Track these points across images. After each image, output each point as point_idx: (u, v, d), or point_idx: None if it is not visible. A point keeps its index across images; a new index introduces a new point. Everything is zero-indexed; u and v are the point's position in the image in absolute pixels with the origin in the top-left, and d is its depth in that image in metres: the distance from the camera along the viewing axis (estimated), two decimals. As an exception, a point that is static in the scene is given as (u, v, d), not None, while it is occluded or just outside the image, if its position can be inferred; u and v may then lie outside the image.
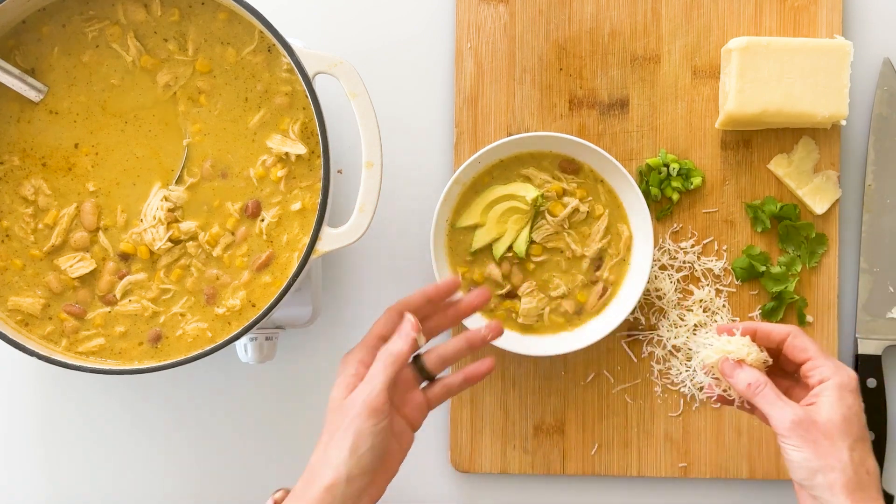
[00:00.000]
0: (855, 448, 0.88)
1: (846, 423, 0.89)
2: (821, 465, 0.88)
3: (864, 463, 0.89)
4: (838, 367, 0.92)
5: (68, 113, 0.95)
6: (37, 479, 1.12)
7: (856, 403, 0.91)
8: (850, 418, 0.89)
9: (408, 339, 0.91)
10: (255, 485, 1.12)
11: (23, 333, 0.94)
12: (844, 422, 0.89)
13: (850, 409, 0.90)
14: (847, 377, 0.91)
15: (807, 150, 1.10)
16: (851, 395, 0.90)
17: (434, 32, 1.12)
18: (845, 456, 0.88)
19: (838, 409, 0.89)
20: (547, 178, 1.07)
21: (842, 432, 0.89)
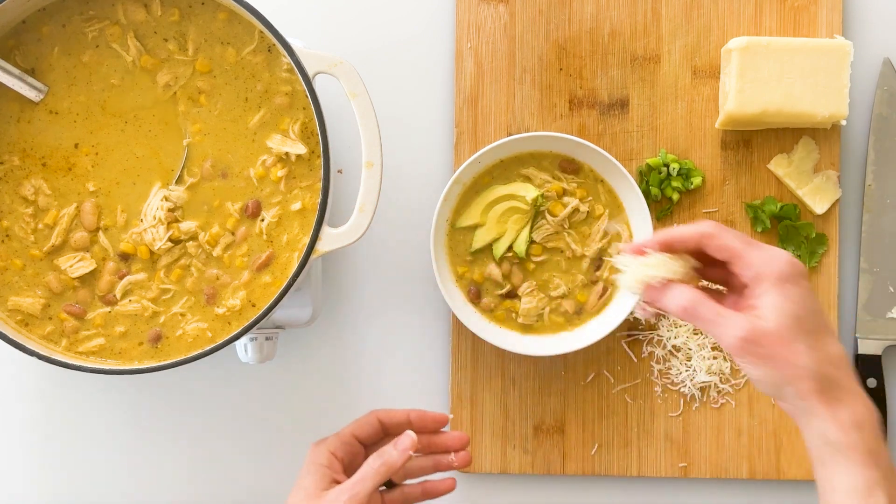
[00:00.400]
0: (814, 346, 0.77)
1: (797, 322, 0.77)
2: (784, 376, 0.78)
3: (828, 356, 0.78)
4: (771, 257, 0.79)
5: (68, 113, 0.95)
6: (37, 479, 1.12)
7: (801, 293, 0.78)
8: (800, 314, 0.78)
9: (404, 454, 0.92)
10: (254, 484, 1.12)
11: (23, 333, 0.94)
12: (795, 321, 0.77)
13: (796, 303, 0.78)
14: (783, 265, 0.79)
15: (807, 150, 1.10)
16: (794, 286, 0.78)
17: (434, 32, 1.12)
18: (806, 359, 0.77)
19: (784, 308, 0.78)
20: (547, 178, 1.07)
21: (795, 334, 0.77)
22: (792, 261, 0.79)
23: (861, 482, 0.77)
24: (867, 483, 0.77)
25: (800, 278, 0.79)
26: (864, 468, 0.77)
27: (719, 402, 1.10)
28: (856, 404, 0.78)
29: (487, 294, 1.07)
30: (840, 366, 0.79)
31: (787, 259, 0.79)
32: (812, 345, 0.78)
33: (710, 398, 1.10)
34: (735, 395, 1.10)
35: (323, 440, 0.94)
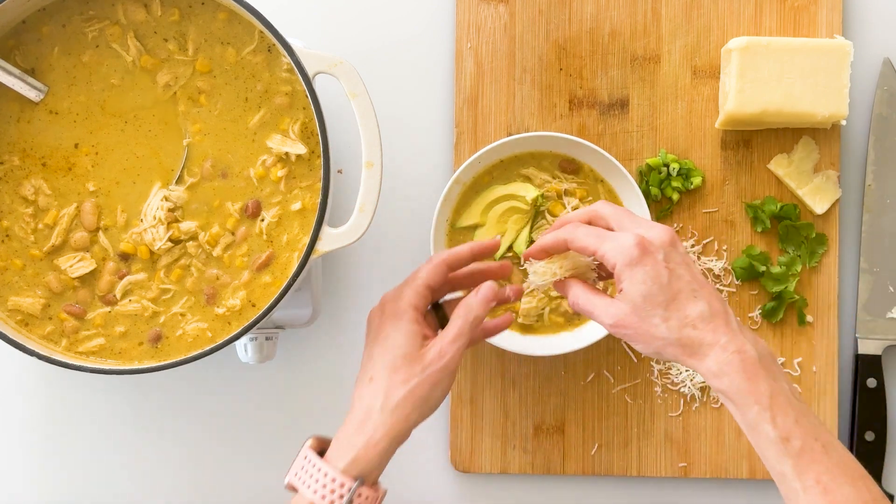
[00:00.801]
0: (668, 316, 0.86)
1: (646, 300, 0.86)
2: (653, 347, 0.87)
3: (685, 320, 0.86)
4: (618, 246, 0.87)
5: (68, 113, 0.95)
6: (37, 479, 1.12)
7: (648, 271, 0.86)
8: (650, 291, 0.86)
9: (487, 306, 0.93)
10: (254, 484, 1.12)
11: (23, 333, 0.94)
12: (644, 299, 0.86)
13: (643, 283, 0.86)
14: (628, 251, 0.86)
15: (807, 150, 1.10)
16: (641, 267, 0.86)
17: (434, 32, 1.12)
18: (663, 331, 0.86)
19: (634, 290, 0.86)
20: (547, 178, 1.07)
21: (648, 310, 0.86)
22: (638, 243, 0.87)
23: (743, 422, 0.85)
24: (748, 423, 0.84)
25: (646, 258, 0.86)
26: (740, 408, 0.84)
27: (719, 402, 1.10)
28: (716, 355, 0.85)
29: (487, 294, 1.07)
30: (699, 324, 0.86)
31: (631, 244, 0.87)
32: (665, 316, 0.86)
33: (710, 398, 1.10)
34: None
35: (397, 295, 0.92)
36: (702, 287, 0.87)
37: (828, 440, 0.83)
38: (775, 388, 0.84)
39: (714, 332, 0.85)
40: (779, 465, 0.83)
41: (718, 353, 0.85)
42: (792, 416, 0.83)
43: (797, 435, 0.83)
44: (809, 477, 0.82)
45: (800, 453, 0.82)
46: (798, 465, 0.82)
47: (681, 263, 0.87)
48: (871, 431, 1.09)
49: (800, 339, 1.10)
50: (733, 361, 0.84)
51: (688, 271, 0.87)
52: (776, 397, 0.83)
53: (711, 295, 0.87)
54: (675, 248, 0.88)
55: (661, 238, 0.88)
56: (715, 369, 0.85)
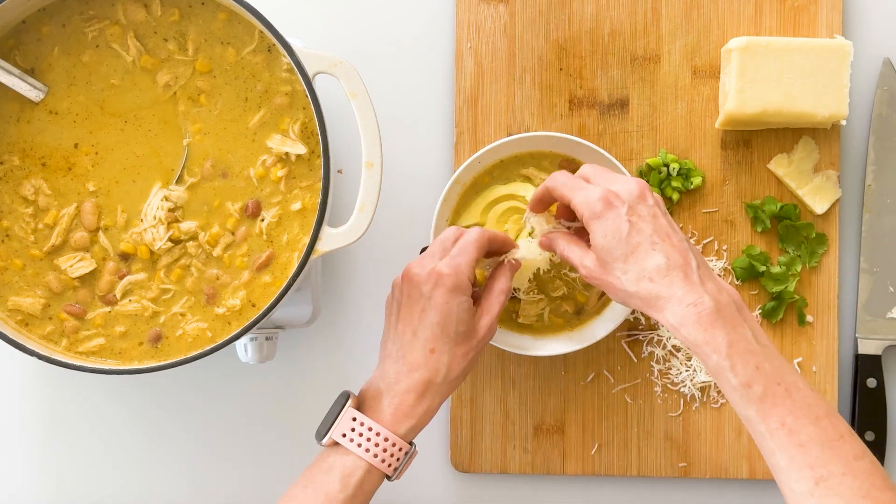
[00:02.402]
0: (626, 269, 0.88)
1: (607, 253, 0.89)
2: (620, 299, 0.91)
3: (642, 273, 0.88)
4: (585, 199, 0.90)
5: (68, 113, 0.95)
6: (37, 479, 1.12)
7: (609, 223, 0.89)
8: (609, 244, 0.89)
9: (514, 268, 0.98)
10: (255, 484, 1.12)
11: (23, 333, 0.94)
12: (605, 252, 0.89)
13: (605, 235, 0.89)
14: (592, 203, 0.89)
15: (807, 150, 1.10)
16: (602, 221, 0.89)
17: (434, 32, 1.12)
18: (623, 283, 0.89)
19: (597, 243, 0.89)
20: (547, 178, 1.07)
21: (609, 263, 0.89)
22: (602, 196, 0.89)
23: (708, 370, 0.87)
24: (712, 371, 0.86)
25: (608, 211, 0.89)
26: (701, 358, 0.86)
27: (719, 402, 1.10)
28: (672, 307, 0.87)
29: (487, 294, 1.07)
30: (655, 277, 0.87)
31: (596, 197, 0.89)
32: (624, 269, 0.89)
33: (710, 398, 1.10)
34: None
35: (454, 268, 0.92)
36: (663, 240, 0.88)
37: (791, 382, 0.85)
38: (733, 338, 0.85)
39: (670, 286, 0.87)
40: (744, 410, 0.85)
41: (674, 305, 0.86)
42: (753, 363, 0.85)
43: (758, 381, 0.84)
44: (773, 420, 0.84)
45: (762, 398, 0.84)
46: (761, 410, 0.84)
47: (645, 217, 0.89)
48: (871, 431, 1.09)
49: (800, 339, 1.10)
50: (688, 314, 0.86)
51: (650, 224, 0.89)
52: (734, 345, 0.85)
53: (672, 248, 0.88)
54: (642, 201, 0.89)
55: (629, 191, 0.89)
56: (672, 322, 0.87)
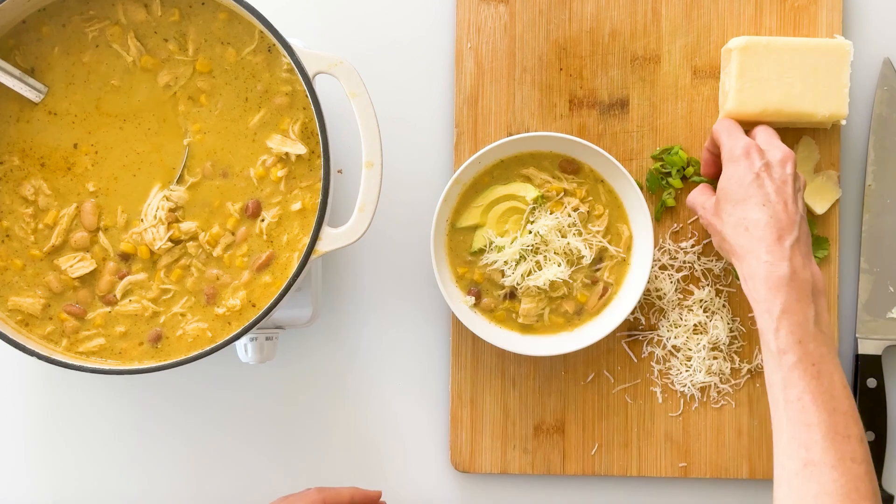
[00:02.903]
0: (732, 212, 0.94)
1: (726, 193, 0.95)
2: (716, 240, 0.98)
3: (743, 220, 0.93)
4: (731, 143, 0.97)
5: (67, 113, 0.95)
6: (37, 479, 1.12)
7: (739, 169, 0.94)
8: (731, 187, 0.94)
9: None
10: (254, 484, 1.12)
11: (23, 333, 0.94)
12: (725, 192, 0.95)
13: (730, 178, 0.95)
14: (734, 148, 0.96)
15: (807, 150, 1.10)
16: (734, 164, 0.95)
17: (434, 32, 1.12)
18: (723, 225, 0.95)
19: (723, 182, 0.96)
20: (547, 178, 1.07)
21: (722, 204, 0.95)
22: (745, 145, 0.95)
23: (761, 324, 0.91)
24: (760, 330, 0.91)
25: (743, 158, 0.95)
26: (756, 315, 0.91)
27: (719, 402, 1.10)
28: (750, 259, 0.92)
29: (487, 294, 1.07)
30: (750, 228, 0.92)
31: (740, 144, 0.96)
32: (730, 211, 0.94)
33: (710, 398, 1.10)
34: (735, 395, 1.10)
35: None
36: (778, 202, 0.92)
37: (828, 371, 0.87)
38: (791, 307, 0.89)
39: (759, 241, 0.91)
40: (772, 374, 0.88)
41: (752, 259, 0.91)
42: (797, 336, 0.88)
43: (794, 352, 0.87)
44: (793, 392, 0.87)
45: (791, 368, 0.87)
46: (787, 379, 0.87)
47: (775, 178, 0.93)
48: (871, 431, 1.09)
49: (800, 339, 1.10)
50: (760, 269, 0.90)
51: (774, 185, 0.93)
52: (787, 313, 0.88)
53: (783, 212, 0.92)
54: (782, 165, 0.94)
55: (774, 153, 0.95)
56: (745, 273, 0.92)
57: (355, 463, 1.11)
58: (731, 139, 0.98)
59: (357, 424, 1.12)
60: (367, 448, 1.11)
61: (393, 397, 1.12)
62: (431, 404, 1.11)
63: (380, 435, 1.12)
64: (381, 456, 1.11)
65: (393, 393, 1.12)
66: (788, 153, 0.95)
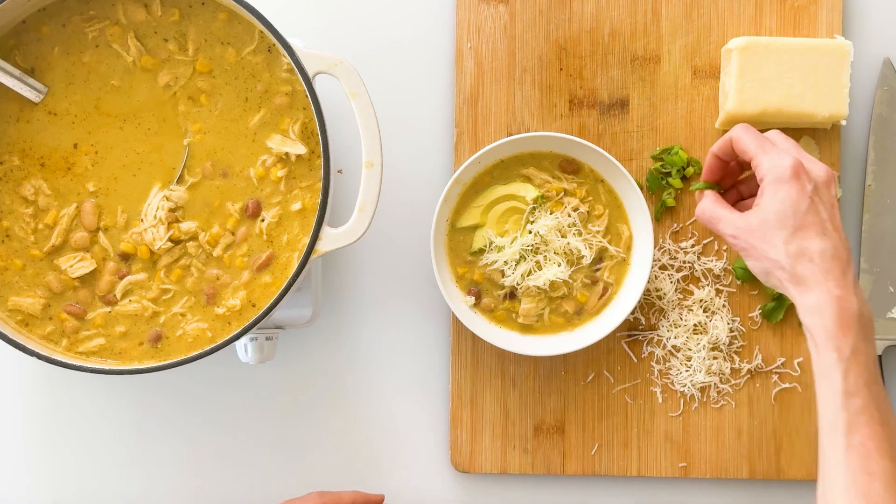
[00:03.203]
0: (790, 240, 0.87)
1: (779, 218, 0.88)
2: (763, 266, 0.89)
3: (803, 250, 0.87)
4: (774, 160, 0.90)
5: (67, 113, 0.95)
6: (37, 479, 1.12)
7: (791, 192, 0.88)
8: (784, 211, 0.88)
9: None
10: (254, 484, 1.12)
11: (23, 333, 0.94)
12: (777, 217, 0.88)
13: (783, 201, 0.88)
14: (781, 168, 0.89)
15: (807, 150, 1.10)
16: (786, 186, 0.88)
17: (434, 32, 1.12)
18: (779, 252, 0.88)
19: (770, 206, 0.88)
20: (547, 178, 1.07)
21: (774, 229, 0.88)
22: (795, 165, 0.88)
23: (818, 365, 0.86)
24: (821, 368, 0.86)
25: (794, 181, 0.88)
26: (819, 349, 0.86)
27: (719, 402, 1.10)
28: (820, 292, 0.86)
29: (487, 294, 1.07)
30: (815, 259, 0.87)
31: (787, 164, 0.89)
32: (788, 239, 0.88)
33: (710, 398, 1.10)
34: (735, 395, 1.10)
35: None
36: (836, 231, 0.88)
37: (889, 415, 0.84)
38: (861, 347, 0.85)
39: (826, 273, 0.86)
40: (834, 416, 0.84)
41: (822, 292, 0.86)
42: (864, 378, 0.84)
43: (862, 395, 0.84)
44: (857, 437, 0.83)
45: (858, 412, 0.83)
46: (851, 423, 0.83)
47: (825, 202, 0.89)
48: (872, 431, 1.09)
49: (800, 340, 1.10)
50: (833, 305, 0.85)
51: (828, 211, 0.89)
52: (858, 355, 0.85)
53: (840, 241, 0.88)
54: (827, 188, 0.90)
55: (818, 173, 0.90)
56: (812, 305, 0.86)
57: (355, 463, 1.11)
58: (770, 155, 0.90)
59: (357, 424, 1.12)
60: (368, 448, 1.11)
61: (393, 397, 1.12)
62: (431, 404, 1.11)
63: (380, 435, 1.12)
64: (381, 456, 1.11)
65: (393, 393, 1.12)
66: (831, 173, 0.91)
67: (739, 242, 0.90)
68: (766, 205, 0.89)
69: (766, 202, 0.89)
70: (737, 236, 0.90)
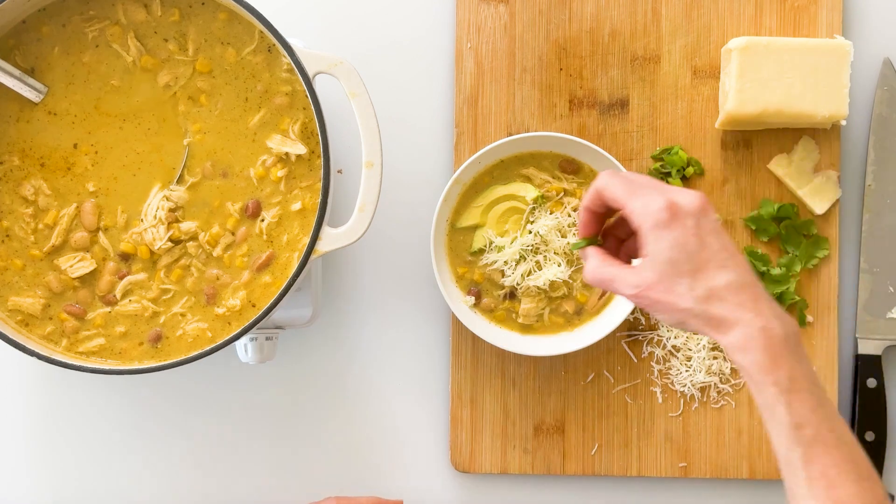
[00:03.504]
0: (694, 285, 0.82)
1: (672, 266, 0.82)
2: (675, 318, 0.83)
3: (711, 291, 0.82)
4: (645, 204, 0.83)
5: (67, 113, 0.95)
6: (37, 479, 1.12)
7: (676, 236, 0.82)
8: (676, 258, 0.82)
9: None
10: (254, 485, 1.12)
11: (23, 333, 0.94)
12: (670, 266, 0.82)
13: (671, 248, 0.82)
14: (656, 212, 0.82)
15: (807, 150, 1.10)
16: (667, 231, 0.82)
17: (434, 32, 1.12)
18: (687, 301, 0.82)
19: (659, 255, 0.82)
20: (547, 178, 1.07)
21: (673, 278, 0.82)
22: (668, 206, 0.82)
23: (759, 401, 0.82)
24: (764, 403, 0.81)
25: (673, 222, 0.82)
26: (757, 386, 0.81)
27: (719, 402, 1.10)
28: (741, 329, 0.81)
29: (487, 294, 1.07)
30: (725, 296, 0.82)
31: (660, 206, 0.82)
32: (691, 285, 0.82)
33: (710, 398, 1.10)
34: (735, 395, 1.10)
35: None
36: (732, 257, 0.83)
37: (842, 433, 0.81)
38: (797, 372, 0.81)
39: (741, 306, 0.81)
40: (788, 451, 0.80)
41: (743, 327, 0.81)
42: (809, 404, 0.80)
43: (812, 423, 0.80)
44: (816, 468, 0.79)
45: (811, 443, 0.79)
46: (807, 455, 0.79)
47: (711, 231, 0.83)
48: (871, 431, 1.09)
49: (800, 339, 1.10)
50: (758, 338, 0.81)
51: (718, 240, 0.83)
52: (796, 381, 0.80)
53: (742, 266, 0.83)
54: (705, 215, 0.84)
55: (692, 204, 0.83)
56: (738, 344, 0.81)
57: (355, 463, 1.11)
58: (639, 198, 0.84)
59: (357, 424, 1.12)
60: (368, 448, 1.11)
61: (393, 397, 1.12)
62: (431, 404, 1.11)
63: (380, 435, 1.12)
64: (381, 456, 1.11)
65: (393, 393, 1.12)
66: (703, 198, 0.84)
67: (643, 301, 0.84)
68: (655, 255, 0.82)
69: (655, 251, 0.82)
70: (638, 295, 0.84)
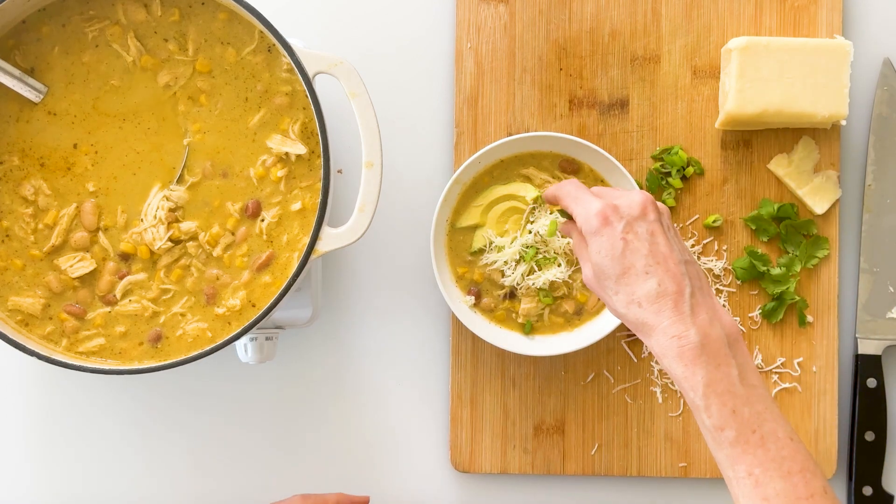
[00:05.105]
0: (617, 290, 0.85)
1: (599, 271, 0.86)
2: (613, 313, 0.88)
3: (632, 297, 0.84)
4: (584, 210, 0.88)
5: (67, 113, 0.95)
6: (37, 479, 1.12)
7: (603, 240, 0.86)
8: (603, 262, 0.85)
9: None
10: (254, 484, 1.12)
11: (23, 333, 0.94)
12: (601, 269, 0.86)
13: (599, 252, 0.86)
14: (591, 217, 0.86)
15: (807, 150, 1.10)
16: (597, 236, 0.86)
17: (434, 32, 1.12)
18: (614, 304, 0.86)
19: (592, 259, 0.87)
20: (547, 178, 1.07)
21: (601, 282, 0.86)
22: (600, 212, 0.86)
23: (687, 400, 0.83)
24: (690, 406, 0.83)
25: (603, 227, 0.86)
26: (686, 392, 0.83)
27: (719, 402, 1.10)
28: (657, 336, 0.83)
29: (487, 294, 1.07)
30: (643, 303, 0.84)
31: (594, 212, 0.86)
32: (615, 289, 0.85)
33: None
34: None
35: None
36: (658, 263, 0.84)
37: (770, 430, 0.81)
38: (713, 377, 0.82)
39: (657, 314, 0.83)
40: (715, 451, 0.83)
41: (659, 335, 0.83)
42: (729, 406, 0.81)
43: (731, 425, 0.81)
44: (741, 468, 0.81)
45: (733, 444, 0.81)
46: (731, 455, 0.81)
47: (642, 236, 0.85)
48: (871, 431, 1.09)
49: (800, 340, 1.10)
50: (671, 347, 0.83)
51: (647, 244, 0.85)
52: (712, 385, 0.82)
53: (666, 273, 0.84)
54: (642, 217, 0.86)
55: (630, 206, 0.86)
56: (657, 350, 0.84)
57: (355, 463, 1.11)
58: (580, 205, 0.88)
59: (357, 424, 1.12)
60: (367, 448, 1.12)
61: (393, 397, 1.12)
62: (431, 404, 1.11)
63: (380, 435, 1.12)
64: (380, 456, 1.12)
65: (393, 393, 1.12)
66: (644, 197, 0.87)
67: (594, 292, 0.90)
68: (591, 258, 0.87)
69: (590, 256, 0.87)
70: (587, 285, 0.90)
